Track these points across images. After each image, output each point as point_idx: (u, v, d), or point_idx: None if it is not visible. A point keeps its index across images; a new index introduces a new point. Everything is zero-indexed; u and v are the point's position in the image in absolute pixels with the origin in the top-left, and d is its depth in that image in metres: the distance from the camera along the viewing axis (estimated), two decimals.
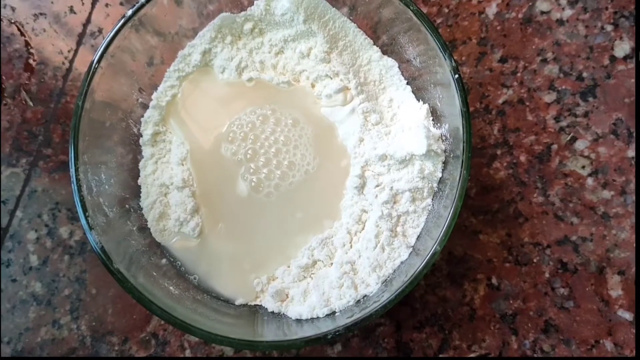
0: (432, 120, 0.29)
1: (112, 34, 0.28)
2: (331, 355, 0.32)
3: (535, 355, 0.31)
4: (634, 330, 0.31)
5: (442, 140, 0.28)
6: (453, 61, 0.26)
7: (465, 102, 0.25)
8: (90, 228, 0.26)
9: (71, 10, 0.36)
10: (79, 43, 0.36)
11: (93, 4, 0.36)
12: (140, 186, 0.31)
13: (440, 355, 0.31)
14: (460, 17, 0.34)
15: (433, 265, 0.25)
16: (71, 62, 0.36)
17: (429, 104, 0.29)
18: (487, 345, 0.31)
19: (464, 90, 0.25)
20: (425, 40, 0.27)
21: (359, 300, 0.28)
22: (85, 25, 0.36)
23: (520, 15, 0.34)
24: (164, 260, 0.30)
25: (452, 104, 0.26)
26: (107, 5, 0.36)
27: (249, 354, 0.32)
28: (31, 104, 0.35)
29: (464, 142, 0.25)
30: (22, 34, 0.36)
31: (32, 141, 0.35)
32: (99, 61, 0.28)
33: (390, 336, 0.32)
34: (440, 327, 0.31)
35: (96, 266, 0.33)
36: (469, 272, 0.32)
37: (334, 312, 0.28)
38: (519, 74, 0.33)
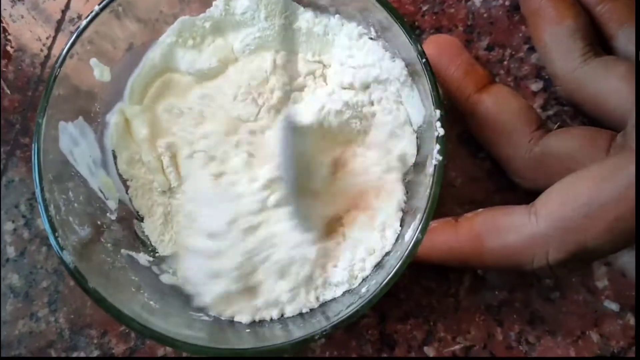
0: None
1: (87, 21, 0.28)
2: (314, 349, 0.31)
3: (520, 347, 0.31)
4: (620, 322, 0.31)
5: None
6: (419, 45, 0.25)
7: (435, 87, 0.25)
8: (62, 248, 0.25)
9: None
10: (57, 30, 0.35)
11: None
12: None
13: (425, 347, 0.31)
14: (446, 5, 0.34)
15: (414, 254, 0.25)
16: (49, 49, 0.35)
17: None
18: (472, 337, 0.31)
19: (433, 74, 0.25)
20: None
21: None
22: (64, 12, 0.35)
23: (507, 3, 0.33)
24: (139, 275, 0.29)
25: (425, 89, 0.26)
26: None
27: None
28: (8, 91, 0.35)
29: (436, 128, 0.25)
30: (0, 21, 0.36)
31: (9, 130, 0.34)
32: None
33: (374, 328, 0.31)
34: (425, 319, 0.31)
35: None
36: None
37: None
38: (505, 62, 0.33)
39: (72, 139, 0.29)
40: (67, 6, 0.35)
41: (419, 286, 0.31)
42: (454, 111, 0.32)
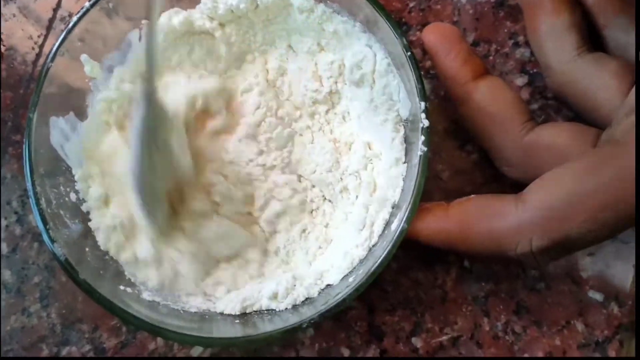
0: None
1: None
2: (303, 340, 0.32)
3: (507, 337, 0.31)
4: (605, 311, 0.31)
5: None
6: (404, 39, 0.26)
7: (420, 80, 0.25)
8: (53, 241, 0.26)
9: None
10: (48, 28, 0.36)
11: None
12: None
13: (413, 338, 0.31)
14: (433, 1, 0.34)
15: (401, 245, 0.25)
16: (41, 47, 0.35)
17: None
18: (459, 328, 0.31)
19: (418, 67, 0.25)
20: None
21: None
22: (55, 10, 0.36)
23: None
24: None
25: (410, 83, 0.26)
26: None
27: None
28: (0, 89, 0.35)
29: (421, 119, 0.25)
30: None
31: (1, 127, 0.34)
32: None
33: (362, 319, 0.32)
34: (412, 310, 0.31)
35: None
36: (441, 254, 0.32)
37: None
38: (491, 57, 0.33)
39: (63, 134, 0.29)
40: (58, 5, 0.36)
41: (406, 278, 0.32)
42: (443, 105, 0.33)
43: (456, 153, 0.33)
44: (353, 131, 0.31)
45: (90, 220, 0.29)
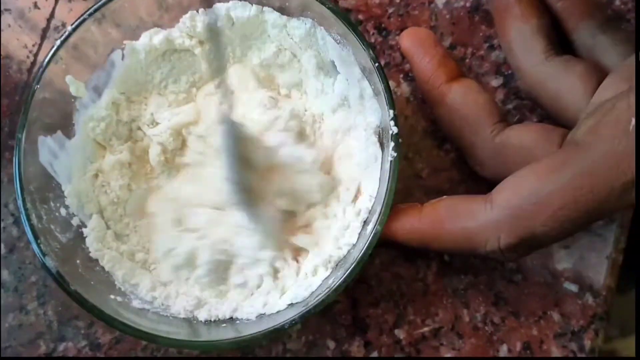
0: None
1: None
2: (290, 333, 0.33)
3: (486, 327, 0.32)
4: (580, 302, 0.32)
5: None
6: (371, 51, 0.27)
7: (388, 89, 0.27)
8: (44, 254, 0.27)
9: (35, 5, 0.37)
10: (43, 37, 0.37)
11: (56, 0, 0.37)
12: None
13: (396, 330, 0.33)
14: (411, 7, 0.36)
15: (376, 246, 0.27)
16: (35, 55, 0.37)
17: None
18: (440, 319, 0.33)
19: (386, 77, 0.27)
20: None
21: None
22: (49, 20, 0.37)
23: (467, 5, 0.35)
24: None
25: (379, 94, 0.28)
26: (70, 0, 0.37)
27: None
28: None
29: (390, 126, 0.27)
30: None
31: None
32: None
33: (347, 313, 0.33)
34: (395, 303, 0.33)
35: None
36: (421, 250, 0.33)
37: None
38: (467, 60, 0.35)
39: (52, 152, 0.30)
40: (52, 15, 0.37)
41: (389, 273, 0.33)
42: (422, 106, 0.34)
43: (435, 152, 0.34)
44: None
45: (81, 233, 0.30)
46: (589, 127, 0.25)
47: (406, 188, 0.33)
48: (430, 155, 0.34)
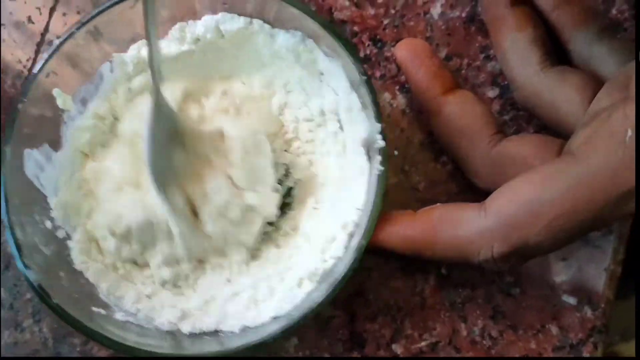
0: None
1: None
2: (287, 348, 0.33)
3: (484, 342, 0.32)
4: (578, 314, 0.32)
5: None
6: (360, 65, 0.27)
7: (375, 103, 0.27)
8: (27, 267, 0.27)
9: (29, 20, 0.37)
10: (37, 52, 0.37)
11: (50, 14, 0.37)
12: None
13: (393, 345, 0.32)
14: (406, 18, 0.35)
15: (361, 260, 0.27)
16: (30, 70, 0.37)
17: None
18: (438, 333, 0.32)
19: (374, 91, 0.27)
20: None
21: None
22: (43, 35, 0.37)
23: (463, 15, 0.35)
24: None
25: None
26: (64, 14, 0.37)
27: None
28: None
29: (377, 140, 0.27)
30: None
31: None
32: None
33: (344, 327, 0.33)
34: (392, 317, 0.33)
35: None
36: (420, 262, 0.33)
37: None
38: (463, 71, 0.35)
39: (38, 165, 0.30)
40: (46, 29, 0.37)
41: (386, 287, 0.33)
42: (419, 117, 0.34)
43: (431, 165, 0.34)
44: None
45: (66, 245, 0.30)
46: (585, 137, 0.25)
47: (403, 201, 0.33)
48: (427, 167, 0.34)
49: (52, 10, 0.37)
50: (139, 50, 0.32)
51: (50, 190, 0.31)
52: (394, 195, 0.32)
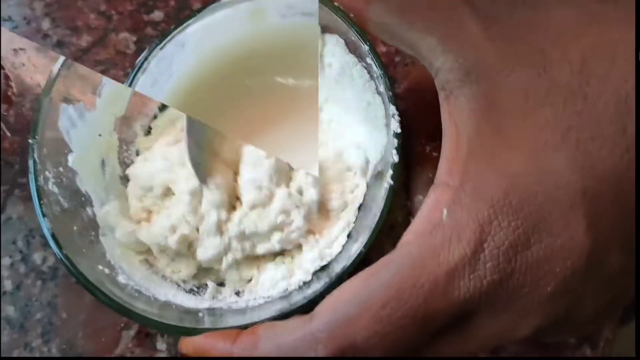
0: None
1: None
2: None
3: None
4: (578, 353, 0.33)
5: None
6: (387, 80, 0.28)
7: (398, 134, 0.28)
8: (44, 215, 0.28)
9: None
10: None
11: None
12: None
13: None
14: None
15: (359, 264, 0.27)
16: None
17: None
18: None
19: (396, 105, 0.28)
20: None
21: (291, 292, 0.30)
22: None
23: None
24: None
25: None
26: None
27: None
28: (9, 134, 0.37)
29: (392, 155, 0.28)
30: (2, 68, 0.38)
31: (8, 170, 0.37)
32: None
33: None
34: None
35: (68, 291, 0.35)
36: None
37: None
38: None
39: (71, 120, 0.32)
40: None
41: None
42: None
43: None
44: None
45: (84, 202, 0.31)
46: (404, 239, 0.24)
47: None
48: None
49: None
50: None
51: (77, 148, 0.32)
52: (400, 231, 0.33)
